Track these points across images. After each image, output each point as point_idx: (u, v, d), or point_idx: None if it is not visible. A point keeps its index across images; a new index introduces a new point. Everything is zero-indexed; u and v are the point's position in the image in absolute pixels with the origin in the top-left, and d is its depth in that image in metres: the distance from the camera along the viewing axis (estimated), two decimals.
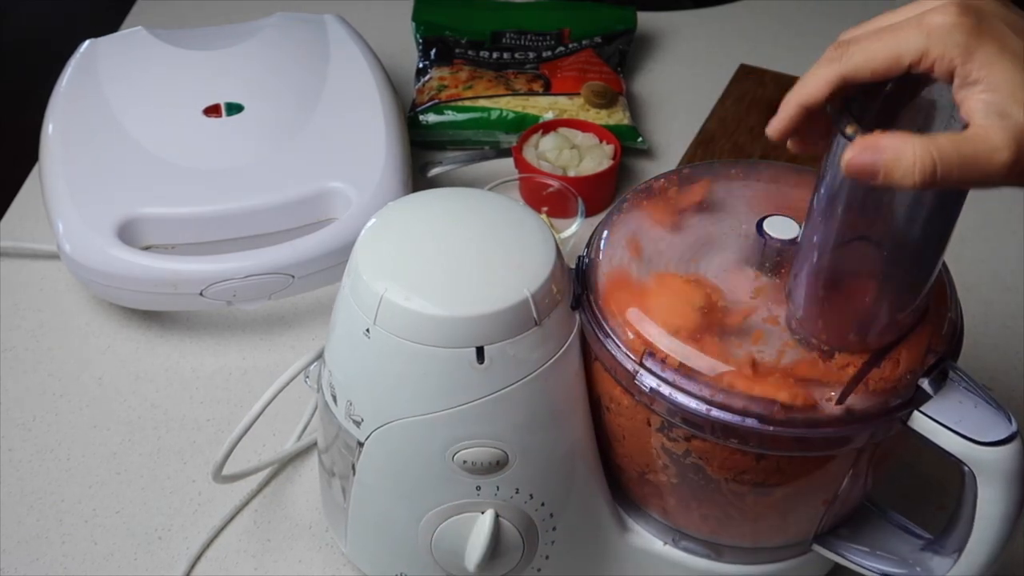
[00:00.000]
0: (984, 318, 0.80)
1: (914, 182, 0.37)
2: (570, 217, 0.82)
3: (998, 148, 0.36)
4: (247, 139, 0.79)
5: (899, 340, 0.47)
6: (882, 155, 0.37)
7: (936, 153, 0.37)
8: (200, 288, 0.71)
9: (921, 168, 0.37)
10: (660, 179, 0.56)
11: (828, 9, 1.15)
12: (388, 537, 0.55)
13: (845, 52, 0.40)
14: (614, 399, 0.51)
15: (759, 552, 0.56)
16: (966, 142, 0.37)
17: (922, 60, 0.38)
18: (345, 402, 0.52)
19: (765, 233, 0.49)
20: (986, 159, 0.37)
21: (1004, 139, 0.36)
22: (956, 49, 0.37)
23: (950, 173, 0.37)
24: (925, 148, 0.37)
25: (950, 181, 0.37)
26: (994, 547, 0.48)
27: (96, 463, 0.68)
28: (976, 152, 0.37)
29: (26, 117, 0.86)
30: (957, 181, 0.37)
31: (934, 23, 0.38)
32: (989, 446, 0.45)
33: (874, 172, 0.38)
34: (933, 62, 0.38)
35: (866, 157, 0.38)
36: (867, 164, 0.38)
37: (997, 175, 0.37)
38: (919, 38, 0.38)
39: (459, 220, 0.52)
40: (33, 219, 0.85)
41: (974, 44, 0.37)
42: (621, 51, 1.04)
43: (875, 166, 0.38)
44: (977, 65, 0.37)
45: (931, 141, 0.37)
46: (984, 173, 0.37)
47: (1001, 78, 0.37)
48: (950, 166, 0.37)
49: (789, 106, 0.42)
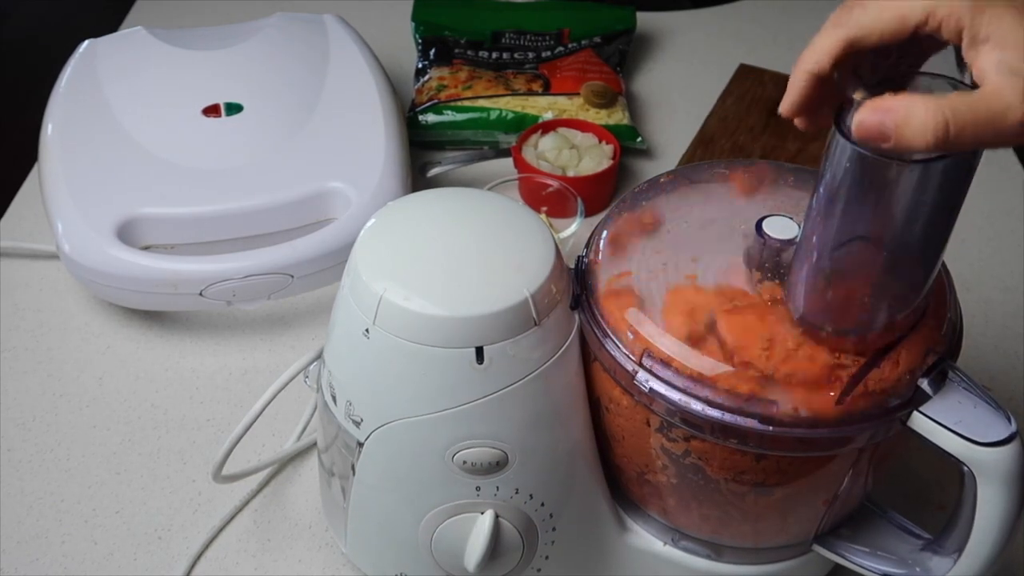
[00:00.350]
0: (984, 318, 0.80)
1: (927, 142, 0.36)
2: (569, 217, 0.82)
3: (1012, 106, 0.36)
4: (246, 139, 0.79)
5: (899, 340, 0.47)
6: (893, 115, 0.37)
7: (949, 112, 0.36)
8: (200, 288, 0.71)
9: (934, 127, 0.36)
10: (660, 179, 0.56)
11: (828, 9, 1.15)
12: (388, 537, 0.55)
13: (850, 16, 0.40)
14: (613, 400, 0.51)
15: (759, 552, 0.56)
16: (979, 100, 0.36)
17: (928, 20, 0.38)
18: (345, 402, 0.52)
19: (764, 233, 0.49)
20: (1000, 117, 0.36)
21: (1017, 96, 0.36)
22: (963, 7, 0.37)
23: (963, 132, 0.36)
24: (937, 107, 0.36)
25: (963, 141, 0.36)
26: (994, 547, 0.48)
27: (96, 463, 0.68)
28: (989, 110, 0.36)
29: (26, 117, 0.86)
30: (971, 140, 0.36)
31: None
32: (989, 446, 0.45)
33: (885, 133, 0.37)
34: (940, 22, 0.37)
35: (876, 117, 0.37)
36: (877, 125, 0.37)
37: (1010, 133, 0.36)
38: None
39: (458, 220, 0.52)
40: (33, 219, 0.86)
41: (982, 1, 0.37)
42: (621, 51, 1.04)
43: (885, 127, 0.37)
44: (986, 22, 0.37)
45: (943, 100, 0.36)
46: (997, 132, 0.36)
47: (1011, 34, 0.36)
48: (963, 125, 0.36)
49: (798, 76, 0.42)
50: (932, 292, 0.48)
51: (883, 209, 0.42)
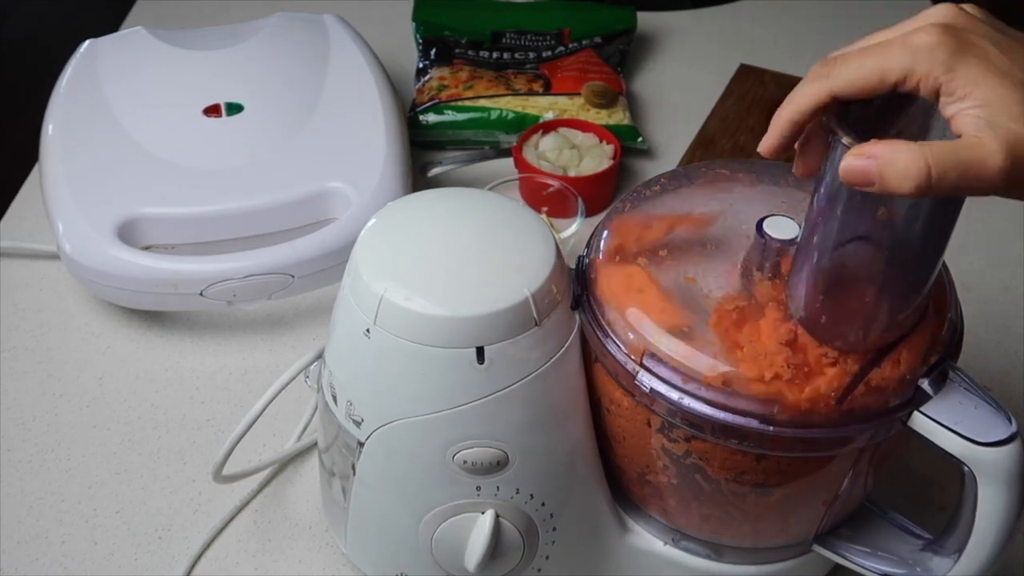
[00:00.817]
0: (984, 318, 0.80)
1: (909, 188, 0.37)
2: (570, 217, 0.82)
3: (992, 153, 0.37)
4: (247, 139, 0.79)
5: (899, 340, 0.47)
6: (876, 161, 0.38)
7: (931, 159, 0.37)
8: (200, 288, 0.71)
9: (916, 173, 0.37)
10: (660, 179, 0.56)
11: (828, 9, 1.15)
12: (388, 537, 0.55)
13: (832, 69, 0.41)
14: (614, 401, 0.51)
15: (759, 552, 0.56)
16: (960, 149, 0.37)
17: (907, 79, 0.39)
18: (345, 402, 0.52)
19: (765, 233, 0.49)
20: (980, 165, 0.37)
21: (997, 146, 0.37)
22: (940, 68, 0.38)
23: (944, 179, 0.37)
24: (920, 154, 0.37)
25: (944, 187, 0.37)
26: (994, 547, 0.48)
27: (96, 463, 0.68)
28: (971, 158, 0.37)
29: (26, 117, 0.86)
30: (952, 187, 0.37)
31: (918, 42, 0.38)
32: (989, 446, 0.45)
33: (869, 178, 0.38)
34: (918, 81, 0.39)
35: (860, 164, 0.38)
36: (862, 171, 0.38)
37: (991, 181, 0.37)
38: (904, 57, 0.39)
39: (459, 220, 0.52)
40: (33, 219, 0.85)
41: (959, 62, 0.38)
42: (621, 51, 1.04)
43: (869, 172, 0.38)
44: (962, 83, 0.38)
45: (925, 147, 0.37)
46: (978, 179, 0.37)
47: (989, 94, 0.37)
48: (944, 172, 0.37)
49: (780, 122, 0.43)
50: (932, 292, 0.48)
51: (883, 209, 0.42)
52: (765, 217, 0.50)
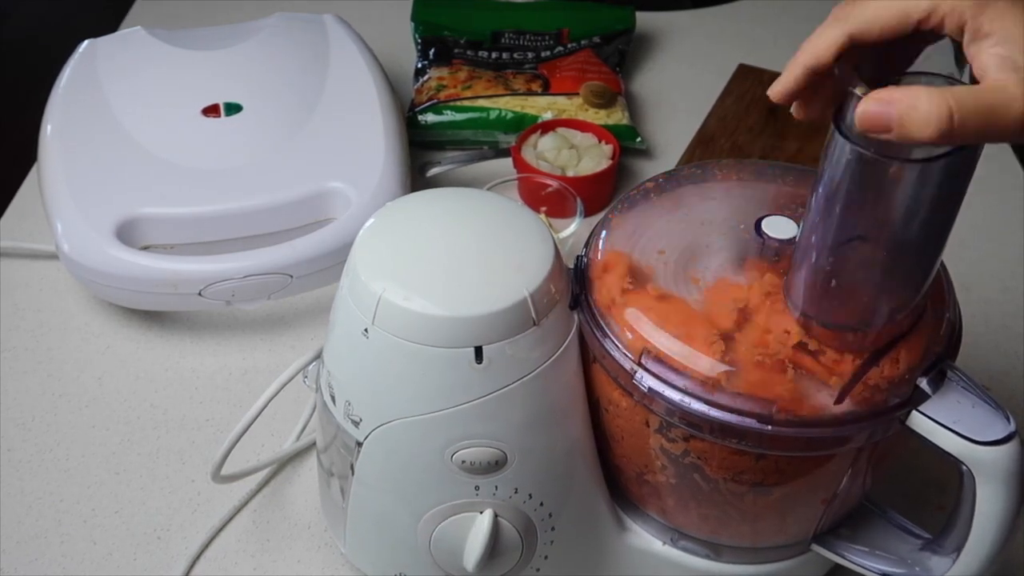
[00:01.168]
0: (983, 318, 0.80)
1: (930, 133, 0.36)
2: (569, 217, 0.82)
3: (1014, 98, 0.36)
4: (246, 139, 0.79)
5: (898, 340, 0.47)
6: (896, 106, 0.36)
7: (953, 103, 0.36)
8: (199, 288, 0.71)
9: (938, 117, 0.36)
10: (659, 179, 0.56)
11: (828, 9, 1.15)
12: (387, 537, 0.55)
13: (852, 10, 0.39)
14: (612, 401, 0.51)
15: (758, 552, 0.56)
16: (982, 93, 0.36)
17: (931, 16, 0.38)
18: (344, 402, 0.52)
19: (763, 233, 0.49)
20: (1003, 109, 0.36)
21: (1020, 90, 0.36)
22: (966, 4, 0.37)
23: (966, 123, 0.36)
24: (941, 97, 0.36)
25: (966, 132, 0.36)
26: (993, 547, 0.48)
27: (95, 463, 0.68)
28: (993, 102, 0.36)
29: (25, 117, 0.86)
30: (973, 133, 0.36)
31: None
32: (987, 445, 0.45)
33: (887, 124, 0.37)
34: (943, 18, 0.37)
35: (879, 108, 0.37)
36: (880, 114, 0.37)
37: (1012, 127, 0.36)
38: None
39: (458, 220, 0.52)
40: (32, 219, 0.85)
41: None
42: (620, 51, 1.04)
43: (888, 117, 0.36)
44: (988, 19, 0.37)
45: (947, 91, 0.36)
46: (1001, 125, 0.36)
47: (1013, 31, 0.36)
48: (966, 116, 0.36)
49: (795, 68, 0.41)
50: (931, 291, 0.48)
51: (882, 208, 0.42)
52: (763, 217, 0.50)
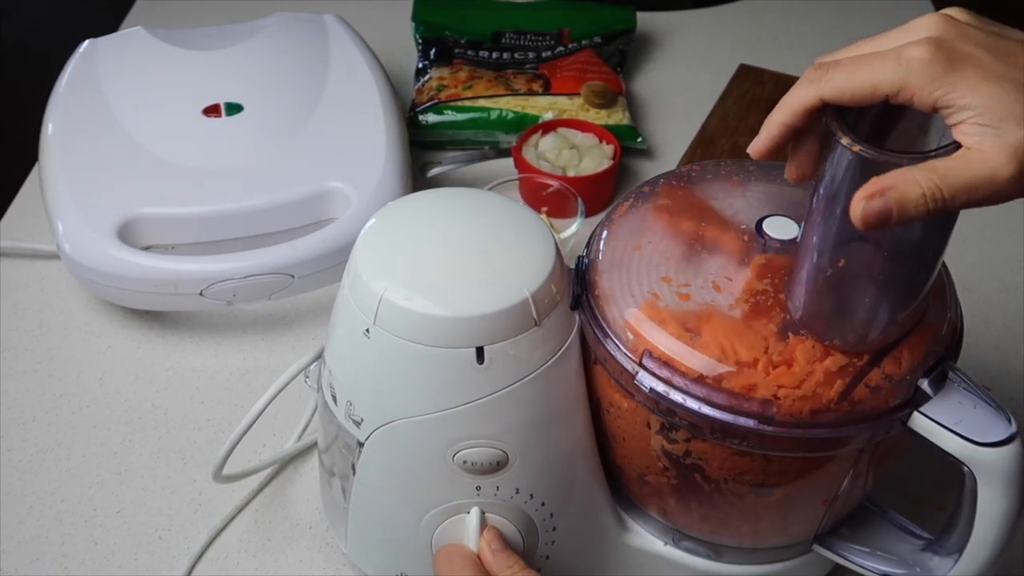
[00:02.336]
0: (984, 319, 0.80)
1: (927, 211, 0.38)
2: (570, 217, 0.82)
3: (1000, 165, 0.37)
4: (247, 139, 0.79)
5: (899, 341, 0.47)
6: (889, 196, 0.38)
7: (939, 180, 0.38)
8: (200, 288, 0.71)
9: (931, 198, 0.38)
10: (659, 179, 0.56)
11: (828, 9, 1.15)
12: (388, 537, 0.55)
13: (825, 75, 0.41)
14: (613, 403, 0.51)
15: (759, 552, 0.56)
16: (967, 165, 0.38)
17: (900, 92, 0.39)
18: (345, 402, 0.52)
19: (765, 233, 0.49)
20: (989, 178, 0.37)
21: (1004, 156, 0.37)
22: (935, 83, 0.38)
23: (956, 196, 0.38)
24: (928, 178, 0.38)
25: (957, 204, 0.38)
26: (994, 547, 0.48)
27: (96, 463, 0.68)
28: (980, 174, 0.37)
29: (26, 117, 0.86)
30: (964, 202, 0.38)
31: (911, 56, 0.38)
32: (989, 447, 0.45)
33: (889, 217, 0.38)
34: (912, 95, 0.39)
35: (877, 205, 0.38)
36: (880, 211, 0.38)
37: (1003, 191, 0.38)
38: (897, 70, 0.39)
39: (459, 220, 0.52)
40: (33, 219, 0.86)
41: (954, 75, 0.38)
42: (621, 51, 1.04)
43: (887, 208, 0.38)
44: (960, 95, 0.38)
45: (931, 170, 0.38)
46: (990, 191, 0.38)
47: (988, 101, 0.37)
48: (955, 190, 0.38)
49: (771, 126, 0.43)
50: (932, 292, 0.48)
51: None
52: (764, 217, 0.50)
